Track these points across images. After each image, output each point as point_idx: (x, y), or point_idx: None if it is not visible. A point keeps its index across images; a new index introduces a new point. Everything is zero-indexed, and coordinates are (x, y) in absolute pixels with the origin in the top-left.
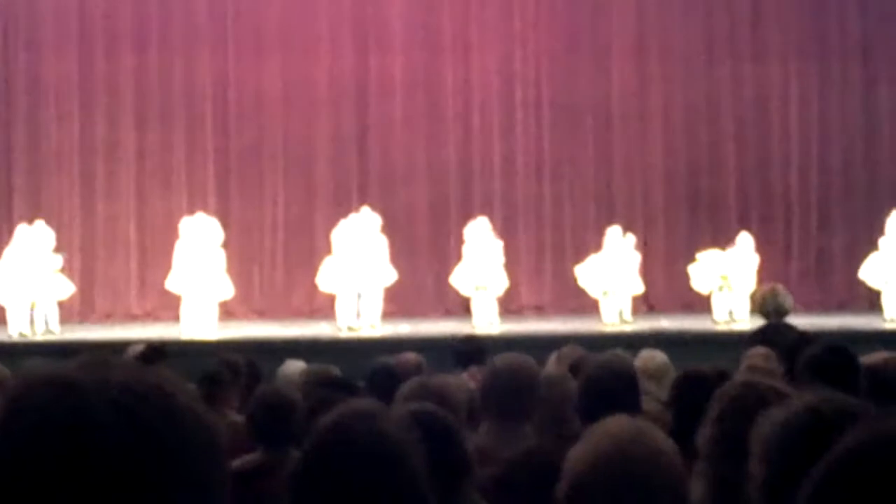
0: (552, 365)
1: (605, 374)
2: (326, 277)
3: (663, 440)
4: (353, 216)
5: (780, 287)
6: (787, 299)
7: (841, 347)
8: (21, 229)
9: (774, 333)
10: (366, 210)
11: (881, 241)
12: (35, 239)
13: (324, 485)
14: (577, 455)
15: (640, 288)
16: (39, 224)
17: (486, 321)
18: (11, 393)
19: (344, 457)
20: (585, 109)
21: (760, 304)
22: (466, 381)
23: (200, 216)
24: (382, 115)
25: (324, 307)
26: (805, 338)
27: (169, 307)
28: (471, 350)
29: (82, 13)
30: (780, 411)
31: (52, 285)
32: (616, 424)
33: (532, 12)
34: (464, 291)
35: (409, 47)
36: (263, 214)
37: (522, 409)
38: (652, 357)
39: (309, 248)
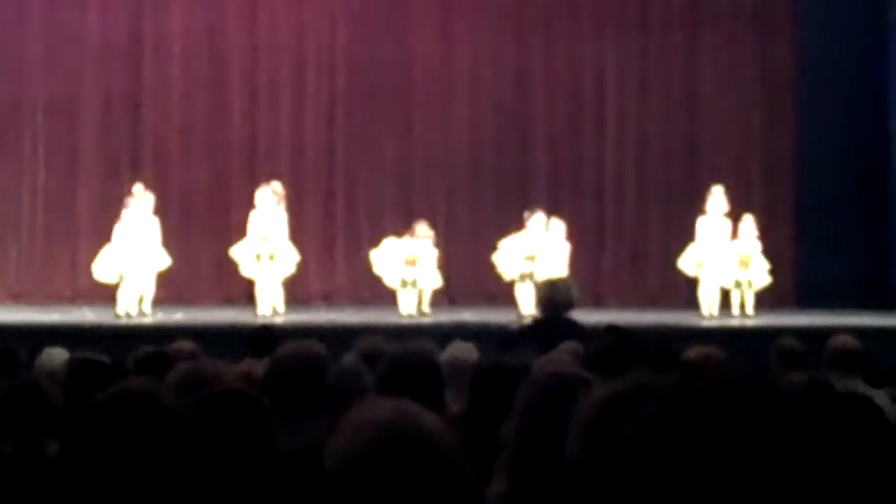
0: (350, 356)
1: (404, 365)
2: (102, 263)
3: (429, 417)
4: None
5: (564, 279)
6: (570, 292)
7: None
8: None
9: (554, 327)
10: (138, 188)
11: (700, 222)
12: None
13: (98, 466)
14: (338, 447)
15: (439, 282)
16: None
17: (271, 309)
18: None
19: (123, 434)
20: (384, 78)
21: (540, 296)
22: (251, 369)
23: None
24: (158, 78)
25: (86, 291)
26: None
27: None
28: (264, 339)
29: None
30: (603, 389)
31: None
32: (374, 409)
33: None
34: (245, 269)
35: (189, 3)
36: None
37: (310, 402)
38: (462, 349)
39: (71, 224)
